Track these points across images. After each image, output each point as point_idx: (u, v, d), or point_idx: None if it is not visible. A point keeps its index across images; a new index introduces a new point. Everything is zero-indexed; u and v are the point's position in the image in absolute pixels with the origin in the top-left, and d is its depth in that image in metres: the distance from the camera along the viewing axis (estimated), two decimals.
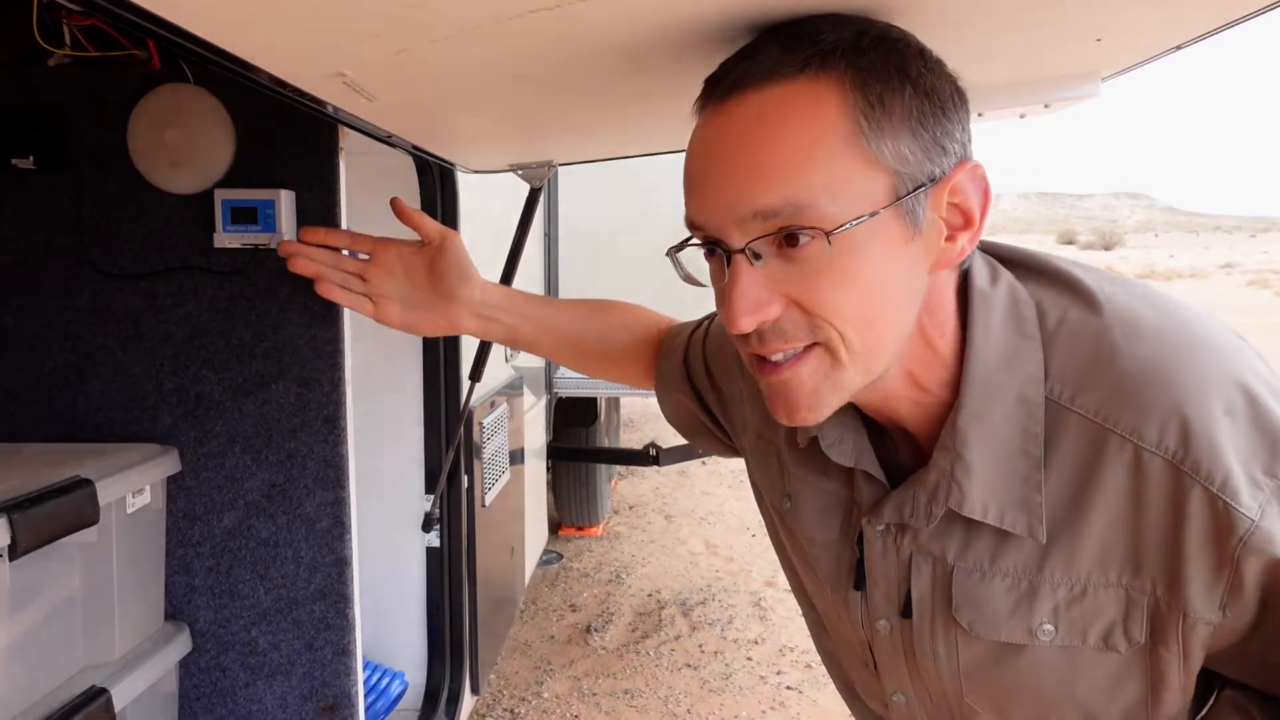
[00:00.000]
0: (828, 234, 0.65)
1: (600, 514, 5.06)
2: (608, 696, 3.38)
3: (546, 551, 4.73)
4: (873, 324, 0.70)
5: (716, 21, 0.78)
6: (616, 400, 5.38)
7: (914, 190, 0.68)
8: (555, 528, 5.07)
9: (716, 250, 0.71)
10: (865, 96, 0.66)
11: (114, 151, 1.44)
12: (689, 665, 3.63)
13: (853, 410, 0.84)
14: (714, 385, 1.10)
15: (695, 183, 0.71)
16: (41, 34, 1.37)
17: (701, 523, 5.36)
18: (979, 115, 1.45)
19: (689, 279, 0.81)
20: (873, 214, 0.66)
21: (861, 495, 0.85)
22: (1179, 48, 1.11)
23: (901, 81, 0.67)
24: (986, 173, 0.72)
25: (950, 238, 0.72)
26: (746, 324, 0.69)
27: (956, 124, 0.70)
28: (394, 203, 1.22)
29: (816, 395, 0.72)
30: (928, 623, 0.82)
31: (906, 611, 0.83)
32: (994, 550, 0.76)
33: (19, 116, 1.46)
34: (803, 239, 0.66)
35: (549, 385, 3.57)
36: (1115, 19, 0.97)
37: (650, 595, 4.31)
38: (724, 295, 0.71)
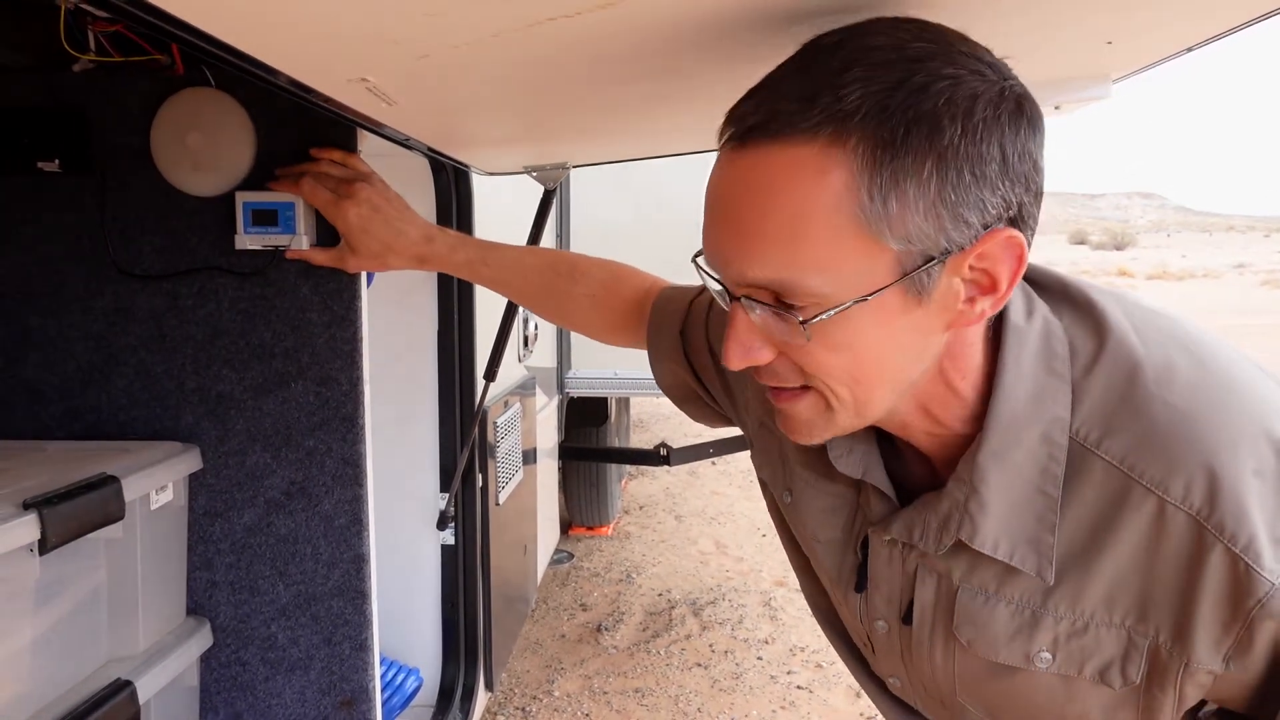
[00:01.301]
0: (805, 323, 0.64)
1: (611, 514, 5.07)
2: (618, 695, 3.39)
3: (557, 551, 4.74)
4: (862, 383, 0.70)
5: (733, 26, 0.79)
6: (626, 400, 5.38)
7: (923, 265, 0.64)
8: (566, 527, 5.09)
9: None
10: (877, 174, 0.61)
11: (137, 154, 1.47)
12: (699, 664, 3.64)
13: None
14: (716, 364, 1.08)
15: (706, 224, 0.69)
16: (67, 39, 1.39)
17: (712, 523, 5.38)
18: None
19: (709, 287, 0.81)
20: (864, 298, 0.64)
21: (869, 504, 0.85)
22: (1190, 49, 1.12)
23: (925, 153, 0.61)
24: (1025, 240, 0.65)
25: (970, 300, 0.68)
26: (735, 365, 0.70)
27: (995, 188, 0.63)
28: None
29: (812, 426, 0.74)
30: (927, 632, 0.83)
31: (907, 619, 0.84)
32: (1000, 578, 0.76)
33: (45, 120, 1.48)
34: (792, 309, 0.65)
35: (561, 385, 3.59)
36: (1126, 22, 0.97)
37: (661, 595, 4.33)
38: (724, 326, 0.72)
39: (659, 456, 4.02)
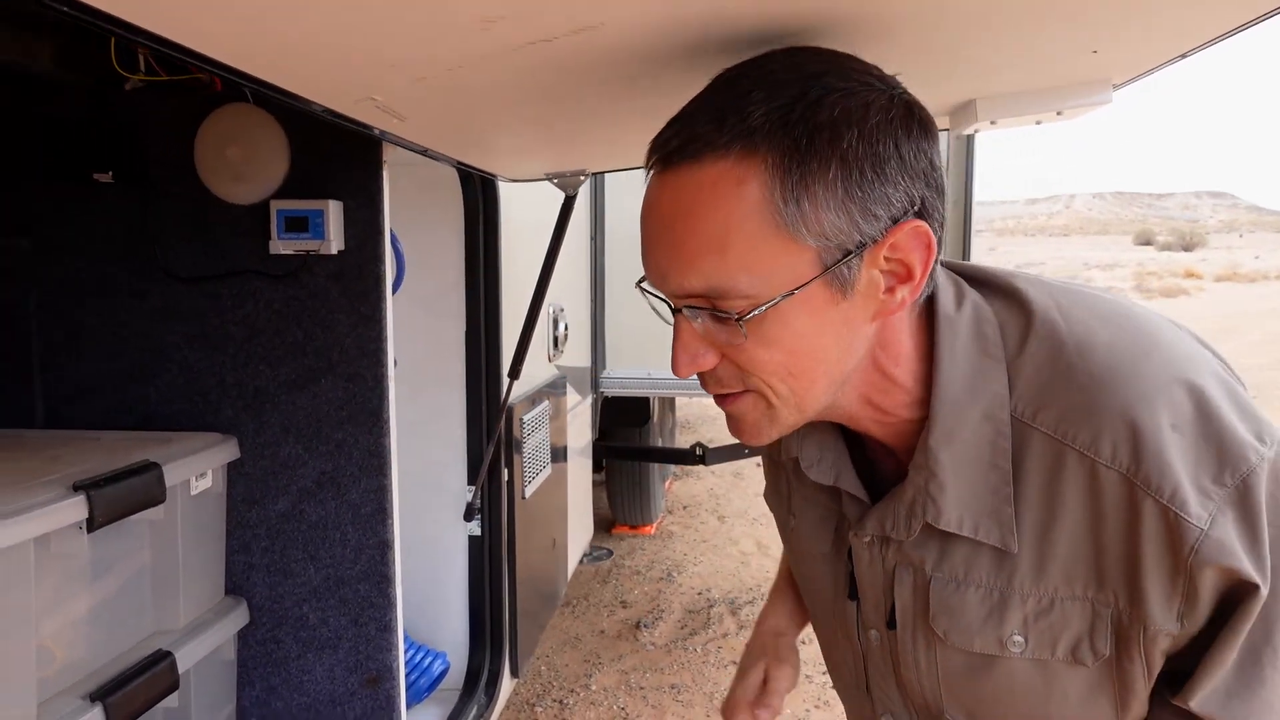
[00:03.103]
0: (740, 320, 0.69)
1: (653, 513, 5.12)
2: (654, 691, 3.43)
3: (596, 548, 4.81)
4: (798, 377, 0.74)
5: (701, 46, 0.85)
6: (671, 401, 5.41)
7: (843, 259, 0.68)
8: (609, 526, 5.15)
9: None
10: (787, 179, 0.66)
11: (182, 166, 1.58)
12: (735, 663, 3.66)
13: (834, 429, 0.89)
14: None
15: (643, 246, 0.74)
16: (119, 61, 1.52)
17: (754, 523, 5.39)
18: (991, 123, 1.49)
19: (658, 311, 0.85)
20: (790, 293, 0.68)
21: (847, 510, 0.89)
22: (1184, 56, 1.15)
23: (828, 156, 0.66)
24: (931, 229, 0.71)
25: (890, 290, 0.72)
26: (684, 372, 0.75)
27: (896, 184, 0.69)
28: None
29: (758, 427, 0.78)
30: (909, 632, 0.85)
31: (892, 622, 0.87)
32: (969, 561, 0.79)
33: (100, 135, 1.61)
34: (727, 314, 0.70)
35: (595, 385, 3.64)
36: (1107, 32, 1.01)
37: (700, 594, 4.36)
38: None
39: (695, 456, 4.08)
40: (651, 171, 0.73)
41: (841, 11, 0.75)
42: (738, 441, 1.32)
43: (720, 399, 0.78)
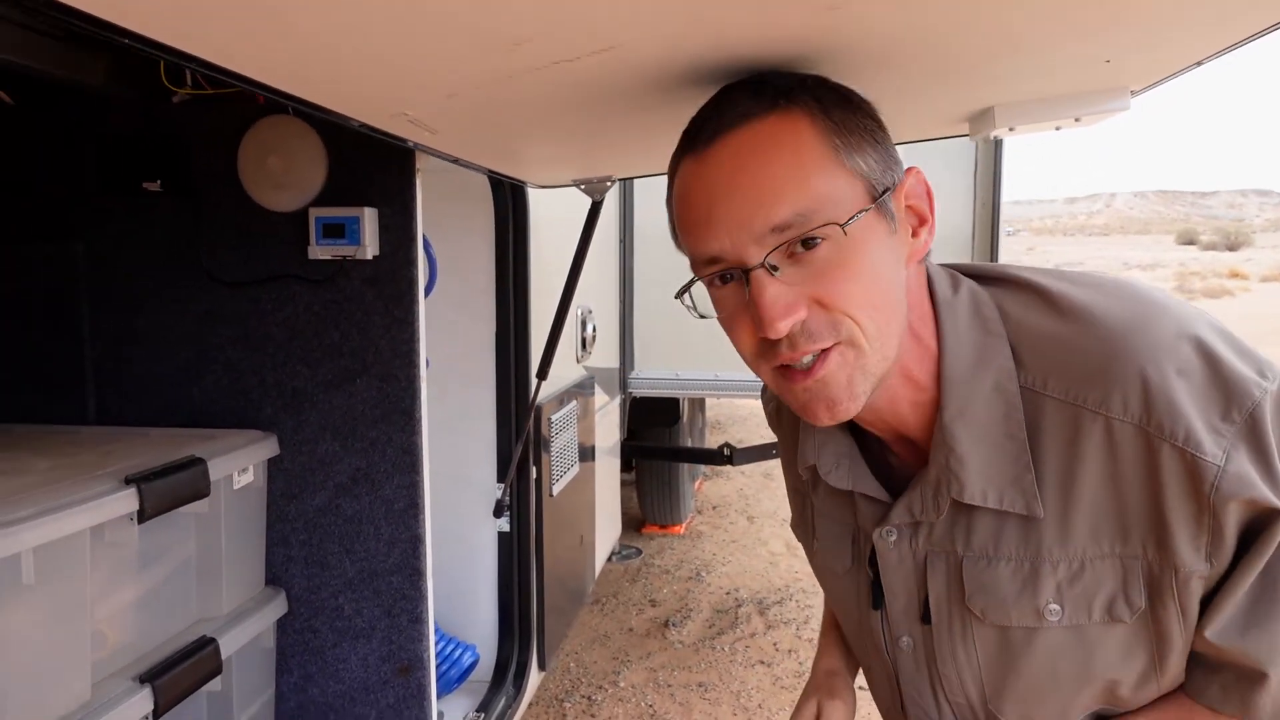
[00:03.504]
0: (842, 225, 0.74)
1: (683, 513, 5.14)
2: (682, 688, 3.45)
3: (626, 546, 4.84)
4: (880, 308, 0.78)
5: (703, 69, 0.90)
6: (701, 401, 5.44)
7: (883, 193, 0.77)
8: (639, 525, 5.19)
9: (730, 277, 0.78)
10: (830, 120, 0.76)
11: (226, 175, 1.66)
12: (762, 662, 3.68)
13: (849, 438, 0.92)
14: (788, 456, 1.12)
15: (705, 217, 0.77)
16: (168, 76, 1.60)
17: (783, 525, 5.39)
18: (1010, 130, 1.52)
19: (700, 314, 0.87)
20: (864, 210, 0.75)
21: (862, 518, 0.92)
22: (1199, 64, 1.17)
23: (851, 108, 0.78)
24: (924, 175, 0.83)
25: (914, 233, 0.81)
26: (784, 327, 0.74)
27: (892, 143, 0.81)
28: None
29: (851, 385, 0.79)
30: (946, 621, 0.87)
31: (926, 618, 0.89)
32: (996, 536, 0.82)
33: (149, 147, 1.69)
34: (816, 241, 0.74)
35: (624, 385, 3.69)
36: (1119, 44, 1.04)
37: (729, 593, 4.38)
38: (739, 317, 0.79)
39: (723, 456, 4.11)
40: (691, 154, 0.79)
41: (859, 38, 0.81)
42: (765, 443, 1.35)
43: (807, 373, 0.78)
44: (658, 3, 0.70)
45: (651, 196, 3.57)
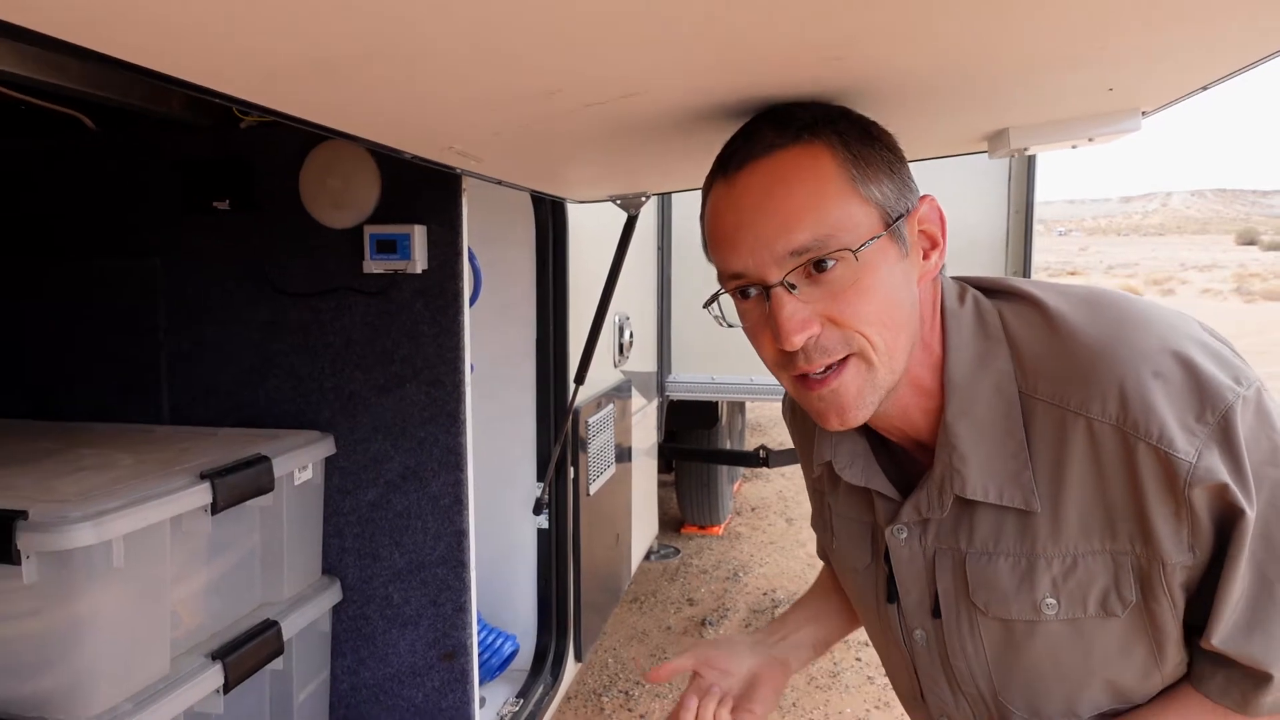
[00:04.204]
0: (854, 251, 0.79)
1: (722, 514, 5.19)
2: None
3: (664, 546, 4.91)
4: (889, 325, 0.84)
5: (727, 106, 0.99)
6: (741, 404, 5.44)
7: (897, 220, 0.83)
8: (678, 526, 5.24)
9: (752, 292, 0.84)
10: (849, 152, 0.82)
11: (289, 195, 1.79)
12: None
13: (864, 439, 0.97)
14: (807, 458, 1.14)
15: (732, 237, 0.84)
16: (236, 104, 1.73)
17: None
18: (1025, 150, 1.58)
19: (727, 323, 0.95)
20: (876, 237, 0.81)
21: (878, 514, 0.98)
22: (1205, 88, 1.23)
23: (870, 141, 0.84)
24: (938, 203, 0.90)
25: (925, 256, 0.87)
26: (799, 340, 0.81)
27: (909, 171, 0.87)
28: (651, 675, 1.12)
29: (861, 395, 0.84)
30: (954, 615, 0.93)
31: (937, 612, 0.94)
32: (996, 533, 0.88)
33: (220, 169, 1.83)
34: (830, 263, 0.81)
35: (661, 388, 3.76)
36: (1118, 74, 1.10)
37: (765, 594, 4.40)
38: (761, 329, 0.85)
39: (758, 458, 4.17)
40: (722, 178, 0.87)
41: (867, 77, 0.87)
42: None
43: (821, 382, 0.84)
44: (674, 58, 0.79)
45: (688, 207, 3.63)
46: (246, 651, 1.53)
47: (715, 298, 0.91)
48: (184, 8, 0.57)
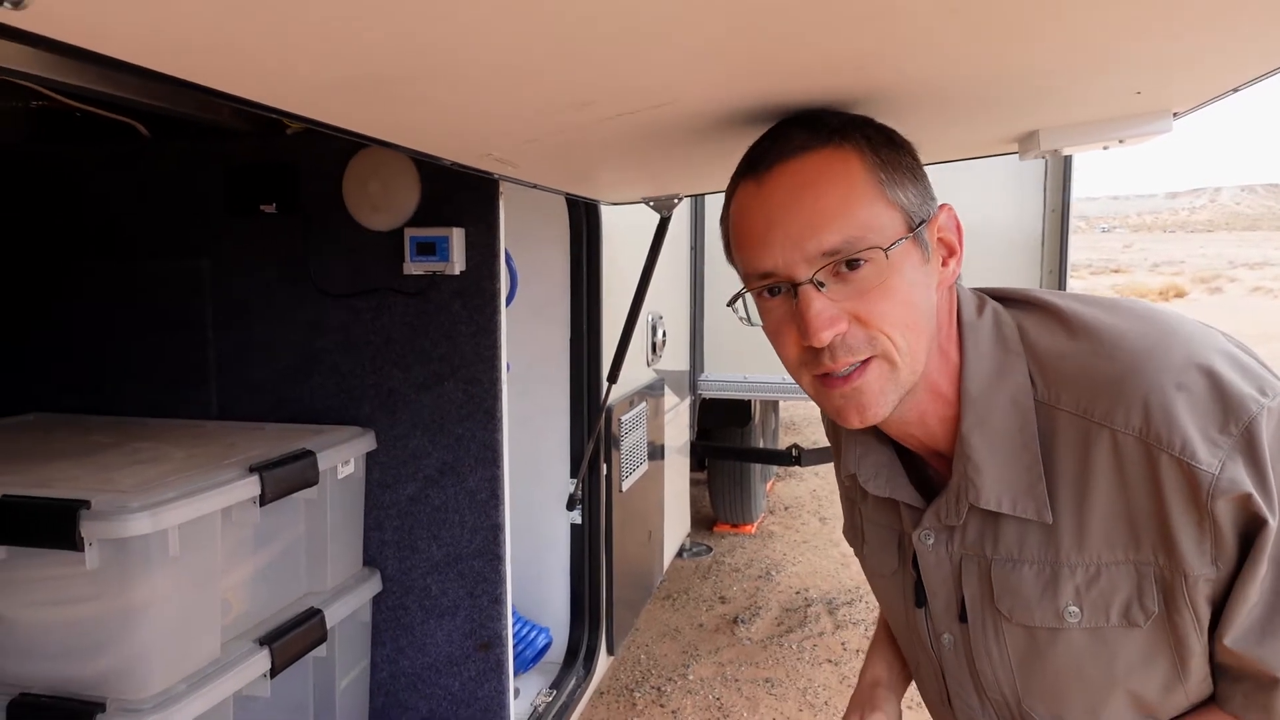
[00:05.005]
0: (885, 250, 0.81)
1: (755, 512, 5.20)
2: (749, 684, 3.51)
3: (696, 543, 4.93)
4: (911, 327, 0.85)
5: (755, 112, 1.01)
6: (775, 403, 5.43)
7: (919, 225, 0.85)
8: (711, 524, 5.24)
9: (779, 290, 0.85)
10: (878, 157, 0.83)
11: (331, 199, 1.85)
12: (830, 660, 3.70)
13: (889, 449, 0.98)
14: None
15: (761, 237, 0.84)
16: None
17: None
18: (1055, 151, 1.58)
19: (751, 322, 0.96)
20: (902, 239, 0.82)
21: (904, 521, 1.00)
22: (1235, 90, 1.23)
23: (896, 148, 0.86)
24: (956, 212, 0.91)
25: (944, 263, 0.88)
26: (826, 336, 0.82)
27: (928, 180, 0.88)
28: None
29: (883, 394, 0.85)
30: (980, 620, 0.94)
31: (964, 617, 0.95)
32: (1020, 541, 0.88)
33: (266, 173, 1.90)
34: (860, 263, 0.83)
35: (693, 387, 3.79)
36: (1144, 78, 1.11)
37: (798, 593, 4.39)
38: (785, 327, 0.85)
39: (790, 457, 4.18)
40: (751, 177, 0.88)
41: (893, 85, 0.90)
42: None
43: (845, 380, 0.85)
44: (703, 71, 0.82)
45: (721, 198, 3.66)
46: (292, 638, 1.59)
47: (739, 296, 0.92)
48: (247, 37, 0.62)
